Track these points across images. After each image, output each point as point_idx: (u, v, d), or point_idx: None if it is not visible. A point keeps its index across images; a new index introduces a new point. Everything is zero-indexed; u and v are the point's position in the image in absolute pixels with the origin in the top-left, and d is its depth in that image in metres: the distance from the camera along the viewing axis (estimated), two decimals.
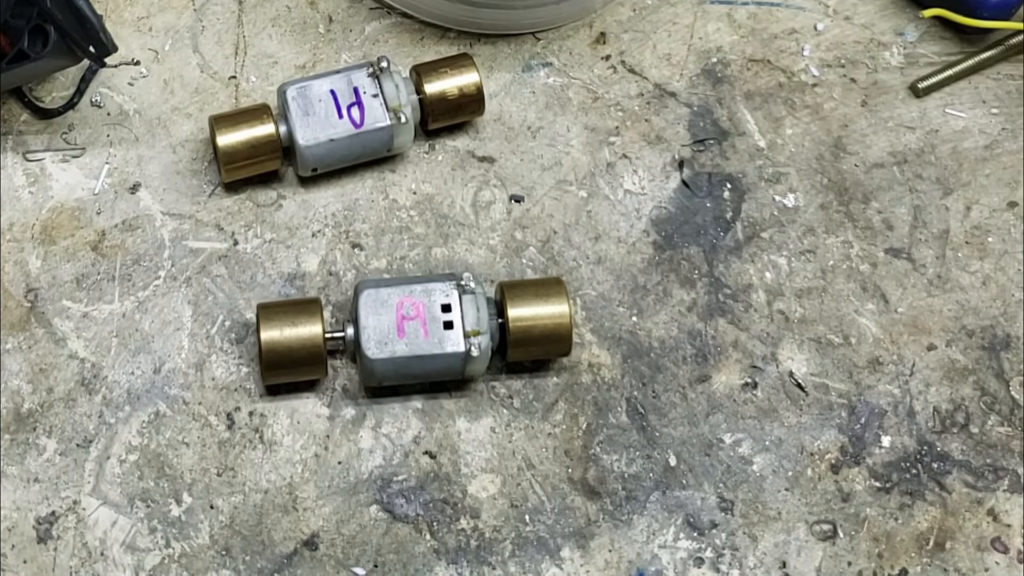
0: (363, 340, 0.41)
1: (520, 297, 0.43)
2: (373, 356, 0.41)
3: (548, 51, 0.52)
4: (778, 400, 0.46)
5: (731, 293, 0.48)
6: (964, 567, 0.44)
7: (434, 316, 0.42)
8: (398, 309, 0.42)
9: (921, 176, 0.50)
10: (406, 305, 0.42)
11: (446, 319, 0.42)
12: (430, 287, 0.42)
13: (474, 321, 0.42)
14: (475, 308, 0.42)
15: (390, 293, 0.42)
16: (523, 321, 0.42)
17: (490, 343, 0.42)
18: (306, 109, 0.46)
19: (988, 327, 0.48)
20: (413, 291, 0.42)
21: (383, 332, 0.41)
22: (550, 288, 0.43)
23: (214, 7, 0.51)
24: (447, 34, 0.52)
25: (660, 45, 0.53)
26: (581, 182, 0.49)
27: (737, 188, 0.50)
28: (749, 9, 0.54)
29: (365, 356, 0.41)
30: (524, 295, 0.43)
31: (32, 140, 0.48)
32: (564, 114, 0.51)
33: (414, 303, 0.42)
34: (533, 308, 0.43)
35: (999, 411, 0.46)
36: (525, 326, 0.42)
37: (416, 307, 0.42)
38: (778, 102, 0.52)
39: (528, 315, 0.43)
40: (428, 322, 0.42)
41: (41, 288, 0.45)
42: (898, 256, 0.49)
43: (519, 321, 0.42)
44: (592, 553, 0.43)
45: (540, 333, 0.43)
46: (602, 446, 0.44)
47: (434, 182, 0.49)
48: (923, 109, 0.52)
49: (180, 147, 0.48)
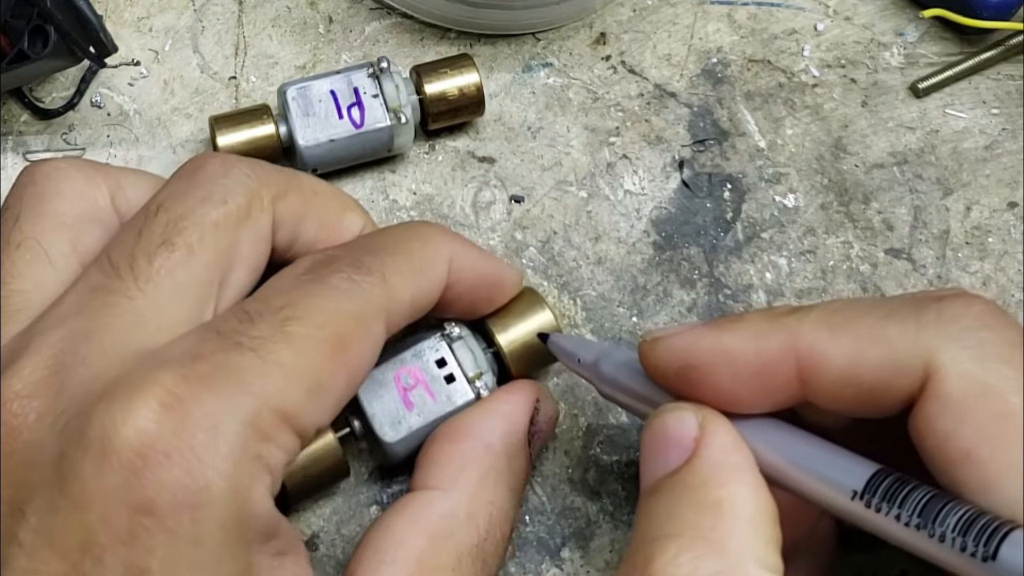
0: (376, 427, 0.40)
1: (502, 320, 0.42)
2: (392, 440, 0.40)
3: (548, 51, 0.52)
4: None
5: (731, 293, 0.48)
6: None
7: (433, 376, 0.41)
8: (397, 383, 0.41)
9: (921, 176, 0.51)
10: (403, 376, 0.41)
11: (445, 374, 0.41)
12: (418, 349, 0.41)
13: (472, 365, 0.41)
14: (468, 351, 0.41)
15: (383, 371, 0.41)
16: (515, 343, 0.42)
17: (494, 378, 0.42)
18: (306, 109, 0.46)
19: None
20: (404, 359, 0.41)
21: (392, 412, 0.40)
22: (530, 301, 0.43)
23: (214, 7, 0.51)
24: (447, 34, 0.52)
25: (660, 45, 0.53)
26: (581, 182, 0.49)
27: (737, 188, 0.50)
28: (749, 9, 0.54)
29: (383, 442, 0.40)
30: (507, 317, 0.42)
31: (32, 140, 0.48)
32: (564, 114, 0.51)
33: (410, 371, 0.41)
34: (520, 327, 0.42)
35: None
36: (518, 348, 0.42)
37: (413, 374, 0.41)
38: (778, 102, 0.52)
39: (518, 336, 0.42)
40: (430, 384, 0.41)
41: None
42: (898, 256, 0.49)
43: (512, 345, 0.42)
44: (592, 553, 0.43)
45: (536, 353, 0.43)
46: (602, 446, 0.44)
47: (434, 182, 0.49)
48: (923, 109, 0.52)
49: (180, 147, 0.48)
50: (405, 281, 0.36)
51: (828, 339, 0.31)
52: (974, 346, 0.29)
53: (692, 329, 0.33)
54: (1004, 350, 0.29)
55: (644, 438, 0.33)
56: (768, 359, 0.31)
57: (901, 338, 0.30)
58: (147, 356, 0.32)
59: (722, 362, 0.32)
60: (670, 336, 0.34)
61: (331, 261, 0.35)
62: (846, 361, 0.30)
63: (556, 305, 0.47)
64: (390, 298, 0.35)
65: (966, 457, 0.28)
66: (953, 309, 0.30)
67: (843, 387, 0.31)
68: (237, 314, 0.32)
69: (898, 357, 0.30)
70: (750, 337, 0.32)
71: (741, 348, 0.32)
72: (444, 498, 0.37)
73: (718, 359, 0.32)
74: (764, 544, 0.30)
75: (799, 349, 0.31)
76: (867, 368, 0.30)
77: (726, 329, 0.32)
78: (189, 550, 0.29)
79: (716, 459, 0.31)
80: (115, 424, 0.29)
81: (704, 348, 0.32)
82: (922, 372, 0.29)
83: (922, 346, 0.29)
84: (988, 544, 0.27)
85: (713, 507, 0.30)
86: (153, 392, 0.30)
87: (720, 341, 0.32)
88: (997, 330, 0.29)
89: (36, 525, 0.29)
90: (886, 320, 0.30)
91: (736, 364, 0.32)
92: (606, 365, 0.37)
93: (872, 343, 0.30)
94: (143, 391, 0.30)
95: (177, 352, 0.32)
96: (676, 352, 0.33)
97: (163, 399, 0.30)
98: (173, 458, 0.29)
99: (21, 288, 0.34)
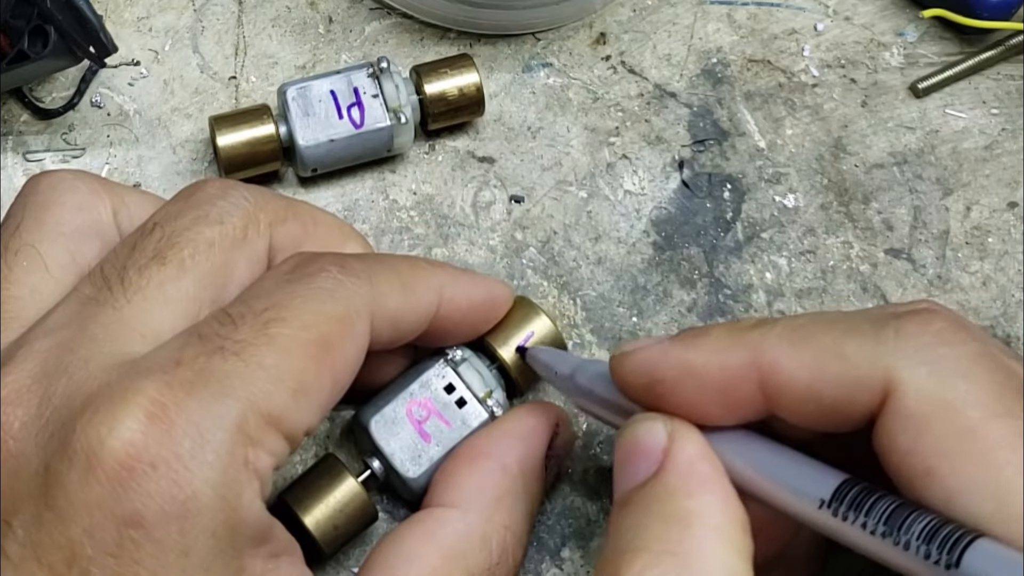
0: (397, 465, 0.40)
1: (502, 334, 0.42)
2: (415, 475, 0.40)
3: (548, 51, 0.52)
4: None
5: (731, 293, 0.48)
6: None
7: (445, 403, 0.41)
8: (410, 417, 0.40)
9: (921, 176, 0.51)
10: (415, 409, 0.41)
11: (456, 399, 0.41)
12: (424, 379, 0.41)
13: (480, 385, 0.41)
14: (474, 372, 0.41)
15: (394, 408, 0.40)
16: (518, 355, 0.42)
17: (504, 393, 0.42)
18: (306, 110, 0.46)
19: (988, 327, 0.48)
20: (412, 392, 0.41)
21: (411, 448, 0.40)
22: (526, 310, 0.43)
23: (214, 7, 0.51)
24: (447, 34, 0.52)
25: (660, 45, 0.53)
26: (581, 182, 0.49)
27: (737, 188, 0.50)
28: (749, 9, 0.54)
29: (407, 479, 0.40)
30: (506, 330, 0.42)
31: (32, 140, 0.48)
32: (564, 114, 0.51)
33: (420, 403, 0.41)
34: (519, 337, 0.42)
35: None
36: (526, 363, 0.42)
37: (424, 405, 0.41)
38: (778, 102, 0.52)
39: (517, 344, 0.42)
40: (442, 412, 0.41)
41: None
42: (898, 256, 0.49)
43: (515, 357, 0.42)
44: (592, 553, 0.43)
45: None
46: (602, 446, 0.44)
47: (434, 182, 0.49)
48: (923, 109, 0.52)
49: (180, 147, 0.48)
50: (392, 290, 0.35)
51: (789, 354, 0.31)
52: (932, 362, 0.29)
53: (659, 343, 0.33)
54: (962, 365, 0.29)
55: (616, 450, 0.34)
56: (731, 374, 0.31)
57: (860, 354, 0.30)
58: (130, 365, 0.31)
59: (687, 377, 0.32)
60: (638, 351, 0.34)
61: (315, 260, 0.34)
62: (807, 377, 0.30)
63: (556, 305, 0.47)
64: (375, 301, 0.35)
65: (927, 473, 0.29)
66: (912, 326, 0.30)
67: (805, 402, 0.31)
68: (219, 317, 0.32)
69: (857, 373, 0.30)
70: (714, 352, 0.32)
71: (705, 363, 0.32)
72: (460, 518, 0.37)
73: (683, 374, 0.32)
74: (733, 553, 0.30)
75: (761, 364, 0.31)
76: (827, 384, 0.30)
77: (691, 344, 0.33)
78: (179, 560, 0.29)
79: (684, 470, 0.31)
80: (100, 435, 0.29)
81: (670, 363, 0.33)
82: (881, 389, 0.29)
83: (881, 363, 0.29)
84: (952, 552, 0.27)
85: (681, 519, 0.30)
86: (137, 402, 0.29)
87: (685, 356, 0.32)
88: (955, 345, 0.29)
89: (23, 538, 0.29)
90: (846, 336, 0.30)
91: (701, 379, 0.32)
92: (582, 377, 0.38)
93: (832, 359, 0.30)
94: (127, 401, 0.30)
95: (160, 359, 0.31)
96: (644, 367, 0.33)
97: (148, 408, 0.29)
98: (160, 468, 0.29)
99: (17, 295, 0.34)
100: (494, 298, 0.41)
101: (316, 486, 0.40)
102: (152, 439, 0.29)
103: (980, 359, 0.29)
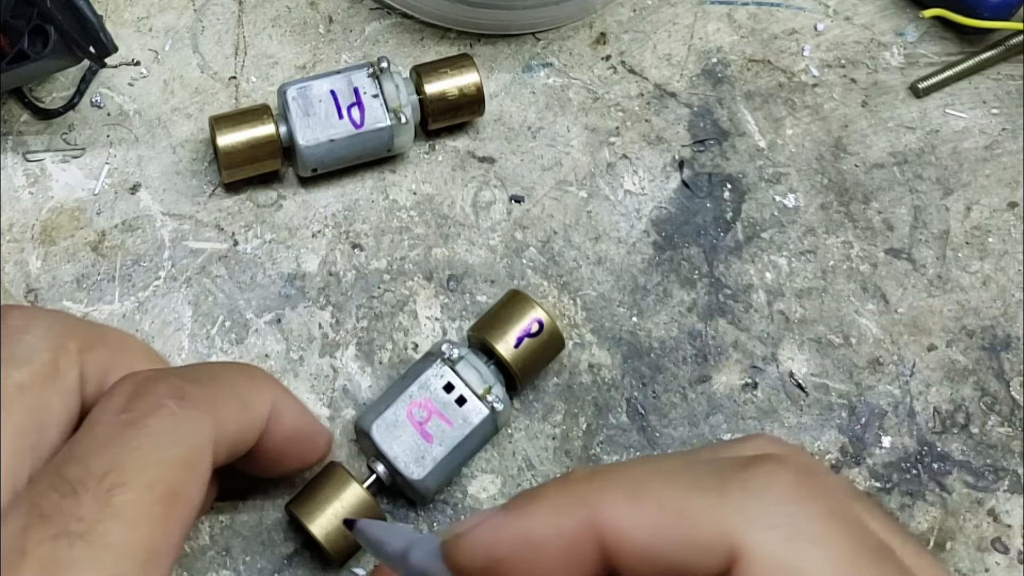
0: (401, 468, 0.40)
1: (498, 328, 0.42)
2: (420, 476, 0.40)
3: (548, 51, 0.52)
4: (778, 400, 0.46)
5: (731, 293, 0.48)
6: (964, 567, 0.44)
7: (444, 402, 0.41)
8: (411, 419, 0.40)
9: (921, 176, 0.51)
10: (415, 411, 0.41)
11: (455, 397, 0.41)
12: (423, 380, 0.41)
13: (479, 381, 0.41)
14: (472, 369, 0.41)
15: (395, 411, 0.41)
16: (519, 353, 0.42)
17: (504, 391, 0.42)
18: (306, 109, 0.46)
19: (988, 327, 0.48)
20: (412, 394, 0.41)
21: (414, 450, 0.40)
22: (519, 303, 0.43)
23: (214, 7, 0.51)
24: (447, 34, 0.52)
25: (660, 45, 0.53)
26: (581, 182, 0.49)
27: (737, 188, 0.50)
28: (749, 9, 0.54)
29: (412, 481, 0.40)
30: (501, 324, 0.42)
31: (32, 140, 0.48)
32: (564, 114, 0.51)
33: (420, 404, 0.41)
34: (512, 333, 0.42)
35: (999, 411, 0.46)
36: (520, 352, 0.42)
37: (424, 406, 0.41)
38: (778, 102, 0.52)
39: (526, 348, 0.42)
40: (443, 411, 0.41)
41: (41, 288, 0.45)
42: (898, 256, 0.49)
43: (514, 355, 0.42)
44: None
45: (538, 351, 0.43)
46: (602, 446, 0.44)
47: (434, 182, 0.49)
48: (923, 109, 0.52)
49: (180, 147, 0.48)
50: (232, 414, 0.34)
51: (628, 513, 0.28)
52: (780, 524, 0.27)
53: (492, 518, 0.30)
54: (813, 526, 0.27)
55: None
56: (571, 539, 0.29)
57: (704, 515, 0.28)
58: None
59: (526, 551, 0.30)
60: (471, 531, 0.31)
61: (151, 392, 0.32)
62: (647, 537, 0.28)
63: (556, 305, 0.47)
64: (216, 433, 0.33)
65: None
66: (758, 480, 0.28)
67: (646, 564, 0.28)
68: (57, 486, 0.30)
69: (701, 536, 0.27)
70: (549, 517, 0.29)
71: (542, 532, 0.29)
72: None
73: (521, 548, 0.30)
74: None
75: (599, 523, 0.29)
76: (669, 546, 0.28)
77: (524, 512, 0.30)
78: None
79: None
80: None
81: (506, 539, 0.30)
82: (727, 553, 0.27)
83: (726, 525, 0.27)
84: None
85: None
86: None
87: (520, 528, 0.30)
88: (805, 503, 0.27)
89: None
90: (688, 492, 0.28)
91: (540, 550, 0.29)
92: (415, 556, 0.34)
93: (673, 519, 0.28)
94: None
95: (5, 547, 0.29)
96: (479, 549, 0.31)
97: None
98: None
99: None
100: (317, 435, 0.40)
101: (322, 495, 0.40)
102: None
103: (832, 519, 0.27)
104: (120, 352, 0.36)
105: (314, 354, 0.45)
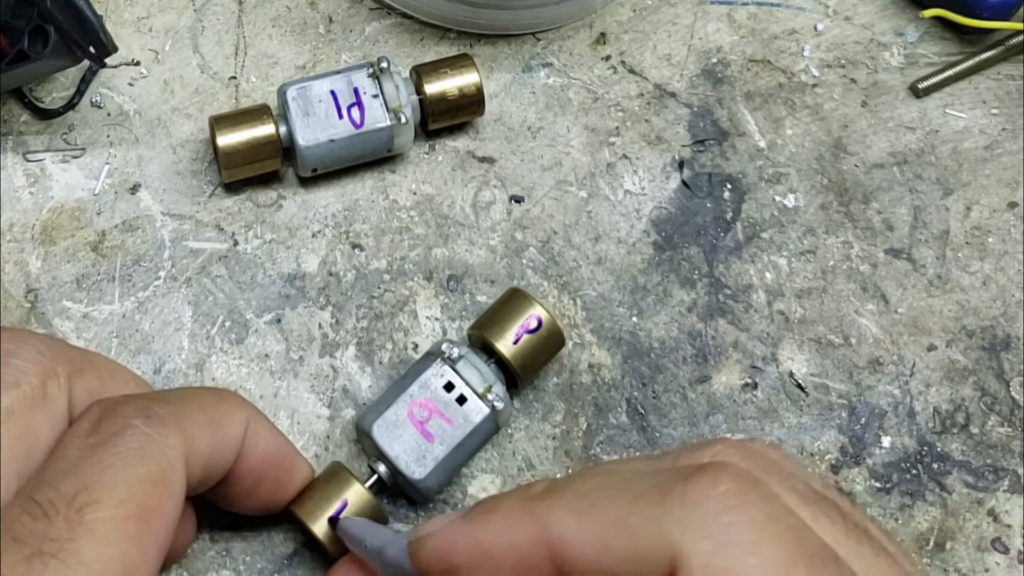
0: (403, 468, 0.40)
1: (497, 326, 0.42)
2: (421, 476, 0.40)
3: (548, 51, 0.52)
4: (778, 400, 0.46)
5: (731, 293, 0.48)
6: (964, 567, 0.44)
7: (445, 402, 0.41)
8: (411, 419, 0.41)
9: (921, 176, 0.51)
10: (416, 410, 0.41)
11: (456, 396, 0.41)
12: (423, 379, 0.41)
13: (479, 380, 0.41)
14: (472, 368, 0.41)
15: (395, 411, 0.41)
16: (516, 346, 0.42)
17: (504, 390, 0.42)
18: (306, 110, 0.46)
19: (988, 327, 0.48)
20: (413, 394, 0.41)
21: (415, 449, 0.40)
22: (518, 301, 0.43)
23: (214, 7, 0.51)
24: (447, 34, 0.52)
25: (660, 45, 0.53)
26: (581, 182, 0.49)
27: (737, 188, 0.50)
28: (749, 9, 0.54)
29: (413, 480, 0.40)
30: (501, 322, 0.42)
31: (32, 140, 0.48)
32: (564, 114, 0.51)
33: (421, 403, 0.41)
34: (512, 330, 0.42)
35: (999, 411, 0.46)
36: (520, 350, 0.42)
37: (425, 405, 0.41)
38: (778, 102, 0.52)
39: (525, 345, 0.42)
40: (444, 410, 0.41)
41: (41, 288, 0.45)
42: (898, 256, 0.49)
43: (514, 352, 0.42)
44: None
45: (537, 348, 0.43)
46: (602, 446, 0.44)
47: (434, 182, 0.49)
48: (923, 109, 0.52)
49: (180, 147, 0.48)
50: (201, 430, 0.34)
51: (576, 528, 0.30)
52: (717, 534, 0.28)
53: (451, 525, 0.32)
54: (750, 535, 0.28)
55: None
56: (523, 553, 0.30)
57: (646, 527, 0.28)
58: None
59: (481, 559, 0.31)
60: (431, 535, 0.33)
61: (118, 414, 0.32)
62: (594, 551, 0.29)
63: (556, 305, 0.47)
64: (187, 449, 0.33)
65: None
66: (697, 491, 0.29)
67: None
68: (29, 510, 0.30)
69: (644, 548, 0.28)
70: (503, 530, 0.31)
71: (496, 544, 0.31)
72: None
73: (477, 557, 0.31)
74: None
75: (550, 538, 0.30)
76: (615, 559, 0.29)
77: (480, 523, 0.31)
78: None
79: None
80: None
81: (462, 548, 0.32)
82: (669, 564, 0.28)
83: (667, 536, 0.28)
84: None
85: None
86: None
87: (476, 538, 0.31)
88: (742, 511, 0.28)
89: None
90: (632, 506, 0.29)
91: (494, 560, 0.31)
92: (391, 552, 0.36)
93: (618, 532, 0.29)
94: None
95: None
96: (439, 552, 0.32)
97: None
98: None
99: None
100: (295, 461, 0.40)
101: (324, 495, 0.40)
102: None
103: (768, 526, 0.28)
104: (108, 378, 0.36)
105: (314, 354, 0.45)
